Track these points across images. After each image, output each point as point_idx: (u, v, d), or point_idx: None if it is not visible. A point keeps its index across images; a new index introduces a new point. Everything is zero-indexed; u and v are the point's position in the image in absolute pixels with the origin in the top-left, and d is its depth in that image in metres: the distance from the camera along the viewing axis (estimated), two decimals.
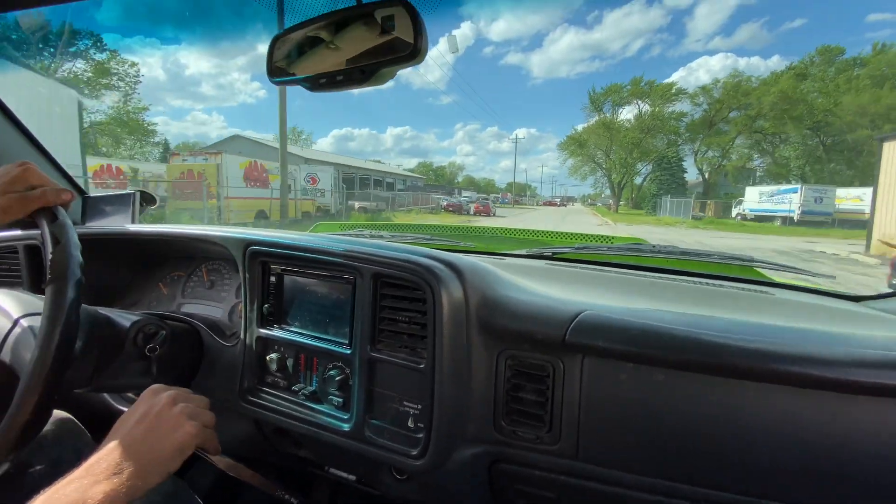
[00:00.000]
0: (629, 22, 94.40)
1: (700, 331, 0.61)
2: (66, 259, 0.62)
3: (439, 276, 0.71)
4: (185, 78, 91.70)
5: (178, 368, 0.93)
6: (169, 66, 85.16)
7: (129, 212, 1.22)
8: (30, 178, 0.66)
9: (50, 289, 0.61)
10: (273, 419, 0.87)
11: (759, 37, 73.96)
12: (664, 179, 36.63)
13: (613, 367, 0.65)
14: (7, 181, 0.65)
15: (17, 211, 0.65)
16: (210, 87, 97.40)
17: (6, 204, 0.64)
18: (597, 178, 46.00)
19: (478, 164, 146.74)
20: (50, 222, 0.64)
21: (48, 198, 0.66)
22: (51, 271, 0.61)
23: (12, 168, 0.67)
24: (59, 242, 0.63)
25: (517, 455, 0.72)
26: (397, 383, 0.75)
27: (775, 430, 0.59)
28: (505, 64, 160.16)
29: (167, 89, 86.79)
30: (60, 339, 0.60)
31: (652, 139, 38.79)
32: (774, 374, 0.57)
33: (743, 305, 0.91)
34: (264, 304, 0.89)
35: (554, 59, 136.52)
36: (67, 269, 0.62)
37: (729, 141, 36.22)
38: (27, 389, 0.58)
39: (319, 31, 0.75)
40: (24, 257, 1.14)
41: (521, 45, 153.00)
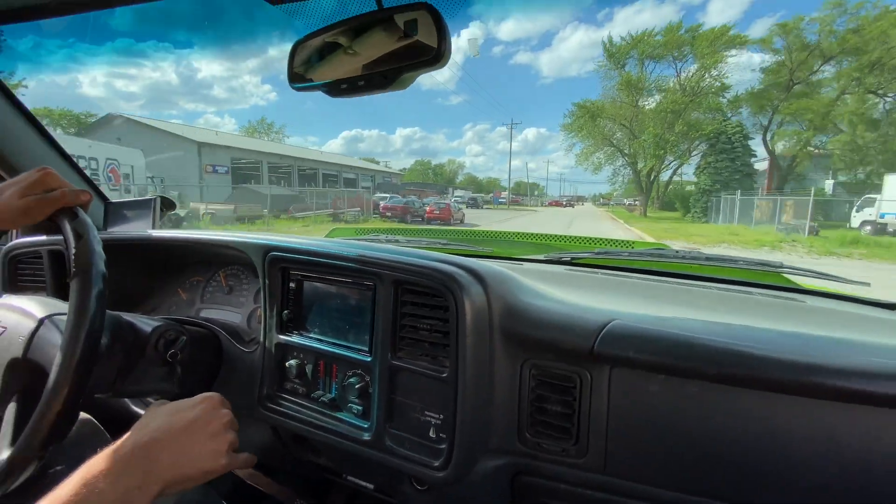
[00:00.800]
0: (640, 19, 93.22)
1: (739, 343, 0.58)
2: (89, 252, 0.63)
3: (461, 283, 0.69)
4: (198, 81, 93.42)
5: (198, 374, 0.93)
6: (182, 69, 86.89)
7: (149, 217, 1.23)
8: (49, 181, 0.67)
9: (76, 281, 0.61)
10: (292, 426, 0.86)
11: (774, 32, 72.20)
12: (722, 167, 23.77)
13: (644, 379, 0.63)
14: (27, 185, 0.66)
15: (38, 213, 0.66)
16: (222, 90, 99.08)
17: (26, 206, 0.65)
18: (615, 168, 32.44)
19: (487, 163, 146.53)
20: (70, 220, 0.65)
21: (67, 199, 0.66)
22: (75, 264, 0.62)
23: (32, 173, 0.68)
24: (81, 237, 0.63)
25: (542, 468, 0.70)
26: (418, 392, 0.74)
27: (813, 446, 0.56)
28: (515, 63, 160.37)
29: (180, 93, 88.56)
30: (88, 331, 0.60)
31: (696, 111, 26.54)
32: (814, 387, 0.54)
33: (775, 313, 0.88)
34: (284, 310, 0.89)
35: (564, 57, 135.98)
36: (91, 263, 0.62)
37: (827, 105, 22.17)
38: (57, 383, 0.57)
39: (339, 37, 0.75)
40: (48, 262, 1.15)
41: (531, 45, 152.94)
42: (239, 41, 52.58)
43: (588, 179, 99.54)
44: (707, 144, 25.60)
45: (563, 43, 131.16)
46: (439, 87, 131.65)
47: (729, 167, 23.70)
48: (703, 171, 25.21)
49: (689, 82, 27.42)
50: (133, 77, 72.96)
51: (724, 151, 24.08)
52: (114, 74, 71.06)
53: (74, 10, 0.98)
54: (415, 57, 0.66)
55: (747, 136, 24.62)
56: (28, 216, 0.66)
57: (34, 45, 11.37)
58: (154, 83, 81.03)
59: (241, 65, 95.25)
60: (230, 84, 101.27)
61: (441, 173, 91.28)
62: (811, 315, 0.89)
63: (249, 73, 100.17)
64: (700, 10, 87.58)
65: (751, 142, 24.78)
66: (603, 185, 69.15)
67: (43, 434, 0.57)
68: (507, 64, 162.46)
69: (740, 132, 24.32)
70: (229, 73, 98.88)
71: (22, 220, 0.66)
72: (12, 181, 0.67)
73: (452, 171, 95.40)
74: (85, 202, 0.68)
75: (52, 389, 0.57)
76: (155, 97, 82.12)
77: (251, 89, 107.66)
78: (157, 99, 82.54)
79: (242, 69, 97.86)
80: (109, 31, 45.29)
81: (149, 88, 77.97)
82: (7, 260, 1.20)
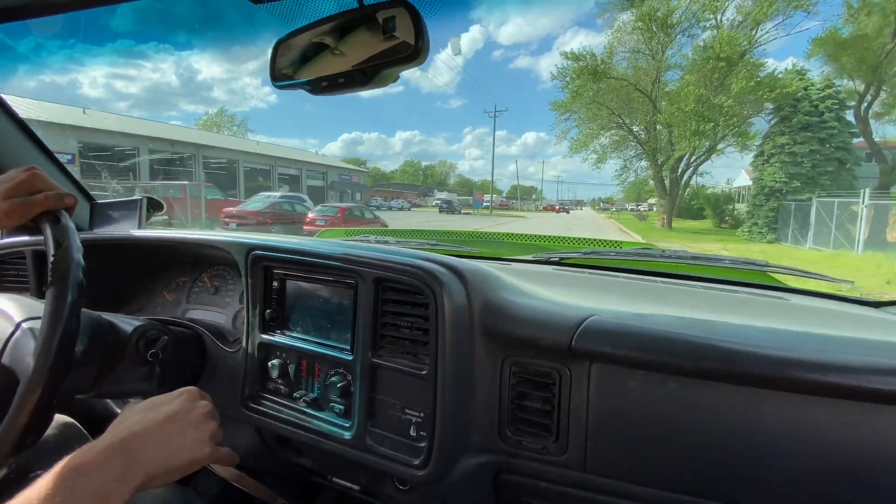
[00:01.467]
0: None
1: (715, 337, 0.59)
2: (67, 262, 0.62)
3: (441, 281, 0.69)
4: (198, 83, 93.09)
5: (180, 374, 0.92)
6: (182, 71, 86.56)
7: (135, 218, 1.22)
8: (35, 182, 0.66)
9: (51, 291, 0.61)
10: (274, 427, 0.85)
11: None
12: (803, 153, 14.46)
13: (623, 375, 0.63)
14: (11, 186, 0.65)
15: (20, 215, 0.65)
16: (222, 92, 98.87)
17: (9, 208, 0.64)
18: (626, 159, 21.74)
19: (486, 167, 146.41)
20: (52, 226, 0.64)
21: (51, 202, 0.65)
22: (52, 274, 0.61)
23: (18, 173, 0.67)
24: (60, 245, 0.63)
25: (523, 465, 0.70)
26: (399, 390, 0.74)
27: (793, 440, 0.56)
28: (514, 68, 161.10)
29: (180, 94, 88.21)
30: (61, 341, 0.59)
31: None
32: (792, 381, 0.55)
33: (758, 311, 0.88)
34: (266, 310, 0.88)
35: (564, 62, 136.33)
36: (68, 272, 0.62)
37: None
38: (27, 392, 0.57)
39: (321, 35, 0.75)
40: (32, 263, 1.14)
41: (531, 49, 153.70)
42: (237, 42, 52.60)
43: (589, 181, 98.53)
44: (776, 119, 15.58)
45: (564, 48, 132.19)
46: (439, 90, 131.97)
47: (816, 153, 14.31)
48: (768, 159, 15.47)
49: (758, 8, 15.55)
50: (132, 78, 72.72)
51: (808, 128, 14.43)
52: (113, 75, 70.76)
53: (67, 9, 0.98)
54: (393, 54, 0.66)
55: (843, 103, 14.51)
56: (10, 219, 0.65)
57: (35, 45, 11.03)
58: (154, 84, 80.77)
59: (241, 67, 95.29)
60: (230, 86, 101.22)
61: (432, 175, 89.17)
62: (794, 312, 0.90)
63: (249, 75, 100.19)
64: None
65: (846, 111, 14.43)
66: (608, 187, 66.01)
67: (9, 446, 0.56)
68: (507, 68, 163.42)
69: (833, 98, 14.34)
70: (229, 74, 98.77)
71: (4, 223, 0.65)
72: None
73: (444, 173, 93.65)
74: (69, 206, 0.67)
75: (21, 399, 0.57)
76: (154, 98, 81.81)
77: (251, 91, 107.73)
78: (156, 101, 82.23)
79: (242, 71, 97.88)
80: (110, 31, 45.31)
81: (148, 90, 77.74)
82: None
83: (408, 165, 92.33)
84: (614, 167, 25.32)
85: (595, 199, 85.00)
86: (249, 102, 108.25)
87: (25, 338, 0.68)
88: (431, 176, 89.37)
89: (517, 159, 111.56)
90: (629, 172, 22.58)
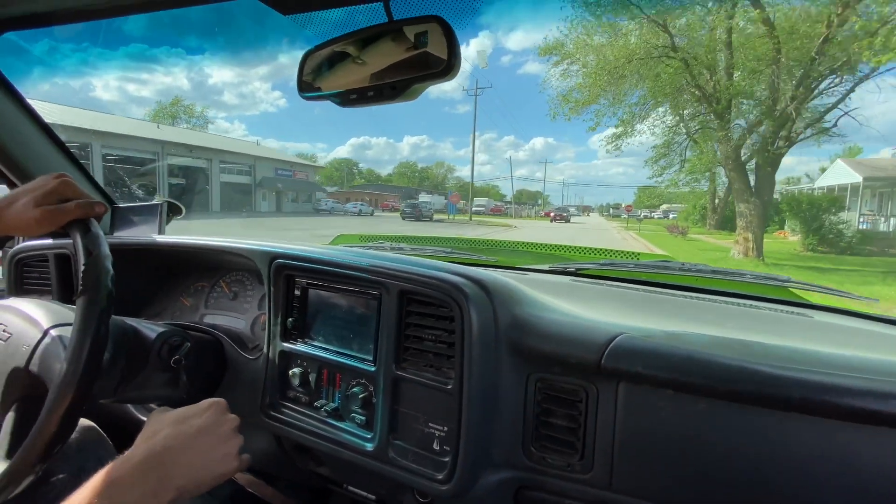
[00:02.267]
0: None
1: (751, 360, 0.58)
2: (98, 271, 0.63)
3: (468, 295, 0.69)
4: (209, 87, 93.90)
5: (201, 380, 0.92)
6: (192, 75, 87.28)
7: (156, 222, 1.24)
8: (65, 190, 0.67)
9: (81, 300, 0.61)
10: (294, 435, 0.86)
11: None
12: None
13: (652, 395, 0.62)
14: (42, 193, 0.66)
15: (51, 223, 0.66)
16: (232, 96, 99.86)
17: (41, 216, 0.65)
18: (670, 133, 12.33)
19: (493, 172, 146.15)
20: (83, 235, 0.65)
21: (81, 210, 0.66)
22: (83, 283, 0.62)
23: (49, 180, 0.68)
24: (91, 254, 0.63)
25: (546, 482, 0.70)
26: (423, 403, 0.74)
27: (827, 466, 0.55)
28: (523, 73, 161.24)
29: (191, 98, 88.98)
30: (90, 351, 0.60)
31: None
32: (828, 407, 0.54)
33: (783, 329, 0.87)
34: (288, 318, 0.88)
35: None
36: (99, 281, 0.62)
37: None
38: (57, 401, 0.58)
39: (349, 48, 0.76)
40: (55, 266, 1.16)
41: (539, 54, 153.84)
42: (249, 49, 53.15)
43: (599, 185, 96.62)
44: None
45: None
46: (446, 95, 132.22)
47: None
48: None
49: None
50: (145, 82, 73.41)
51: None
52: (126, 79, 71.44)
53: (91, 17, 1.00)
54: (424, 68, 0.67)
55: None
56: (41, 227, 0.66)
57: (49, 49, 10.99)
58: (166, 88, 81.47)
59: (252, 71, 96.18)
60: (240, 90, 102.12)
61: (428, 177, 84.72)
62: (819, 331, 0.89)
63: (259, 80, 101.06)
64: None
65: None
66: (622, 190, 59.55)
67: (37, 454, 0.57)
68: (517, 73, 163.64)
69: None
70: (239, 79, 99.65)
71: (35, 231, 0.66)
72: (27, 188, 0.67)
73: (440, 176, 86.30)
74: (99, 214, 0.68)
75: (51, 407, 0.58)
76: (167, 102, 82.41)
77: (261, 95, 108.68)
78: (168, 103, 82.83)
79: (252, 76, 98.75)
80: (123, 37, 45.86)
81: (160, 93, 78.43)
82: (14, 263, 1.21)
83: (402, 167, 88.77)
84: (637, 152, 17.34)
85: (604, 205, 77.04)
86: (259, 106, 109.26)
87: (54, 345, 0.69)
88: (427, 178, 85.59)
89: (507, 155, 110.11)
90: (672, 157, 13.09)
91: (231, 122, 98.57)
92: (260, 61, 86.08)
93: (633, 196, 44.89)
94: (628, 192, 43.73)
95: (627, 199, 39.89)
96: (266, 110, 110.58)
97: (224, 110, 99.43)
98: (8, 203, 0.66)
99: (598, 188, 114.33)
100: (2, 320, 0.73)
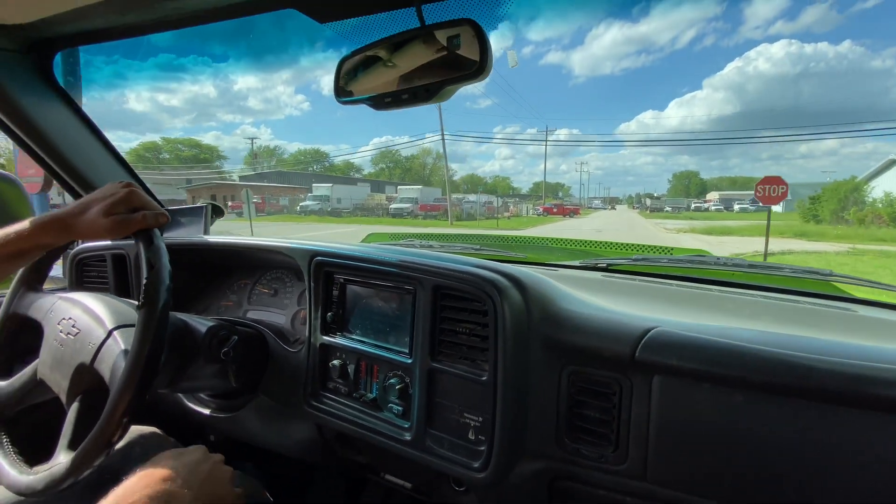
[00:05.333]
0: (679, 12, 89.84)
1: (789, 352, 0.57)
2: (158, 284, 0.68)
3: (501, 289, 0.71)
4: (234, 93, 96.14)
5: (247, 372, 0.98)
6: (219, 82, 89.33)
7: (201, 223, 1.31)
8: (134, 200, 0.72)
9: (143, 312, 0.67)
10: (335, 424, 0.90)
11: (826, 19, 66.79)
12: None
13: (687, 387, 0.62)
14: (112, 203, 0.71)
15: (120, 232, 0.71)
16: (257, 101, 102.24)
17: (111, 225, 0.70)
18: None
19: (517, 167, 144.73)
20: (146, 247, 0.70)
21: (148, 221, 0.71)
22: (144, 296, 0.67)
23: (118, 188, 0.73)
24: (153, 268, 0.69)
25: (580, 473, 0.71)
26: (458, 394, 0.76)
27: (868, 460, 0.54)
28: (545, 63, 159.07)
29: (217, 105, 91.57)
30: (148, 357, 0.66)
31: None
32: (870, 399, 0.53)
33: (825, 323, 0.85)
34: (328, 313, 0.92)
35: (597, 55, 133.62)
36: (158, 295, 0.68)
37: None
38: (116, 401, 0.64)
39: (383, 52, 0.78)
40: (111, 265, 1.24)
41: (563, 44, 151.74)
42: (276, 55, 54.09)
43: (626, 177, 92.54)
44: None
45: (597, 41, 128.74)
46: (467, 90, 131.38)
47: None
48: None
49: None
50: (174, 91, 75.65)
51: None
52: (155, 88, 73.66)
53: (137, 33, 1.07)
54: (457, 70, 0.69)
55: None
56: (110, 234, 0.71)
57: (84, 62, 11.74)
58: (193, 96, 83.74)
59: (275, 76, 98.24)
60: (264, 95, 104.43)
61: (412, 168, 72.07)
62: (864, 325, 0.86)
63: (283, 84, 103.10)
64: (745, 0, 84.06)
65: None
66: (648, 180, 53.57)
67: (100, 447, 0.63)
68: (538, 65, 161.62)
69: None
70: (263, 84, 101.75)
71: (105, 237, 0.72)
72: (96, 196, 0.72)
73: (426, 166, 71.92)
74: (162, 224, 0.73)
75: (112, 407, 0.63)
76: (194, 110, 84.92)
77: (285, 99, 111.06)
78: (197, 111, 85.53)
79: (276, 80, 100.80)
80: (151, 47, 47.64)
81: (188, 101, 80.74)
82: (75, 263, 1.30)
83: (382, 157, 75.57)
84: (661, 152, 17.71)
85: (634, 196, 66.11)
86: (284, 111, 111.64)
87: (117, 345, 0.73)
88: (410, 169, 72.58)
89: (564, 167, 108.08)
90: None
91: (258, 127, 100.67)
92: (282, 65, 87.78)
93: (666, 185, 40.84)
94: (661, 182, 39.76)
95: (661, 188, 36.00)
96: (291, 114, 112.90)
97: (250, 115, 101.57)
98: (80, 211, 0.71)
99: (627, 178, 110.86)
100: (71, 314, 0.79)
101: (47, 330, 0.79)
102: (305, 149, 72.86)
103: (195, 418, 1.10)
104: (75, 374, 0.73)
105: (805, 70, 57.40)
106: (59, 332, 0.77)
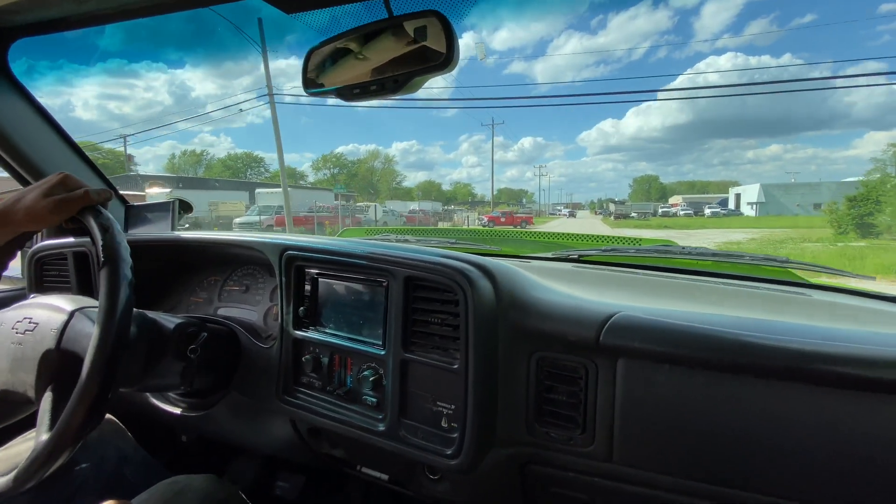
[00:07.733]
0: (634, 25, 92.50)
1: (743, 332, 0.60)
2: (116, 243, 0.67)
3: (471, 278, 0.72)
4: (191, 100, 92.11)
5: (217, 370, 0.96)
6: (174, 89, 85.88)
7: (168, 219, 1.27)
8: (69, 183, 0.72)
9: (105, 270, 0.66)
10: (309, 418, 0.89)
11: (768, 34, 70.16)
12: None
13: (649, 369, 0.65)
14: (48, 187, 0.70)
15: (65, 210, 0.70)
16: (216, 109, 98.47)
17: (52, 206, 0.69)
18: None
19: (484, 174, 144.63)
20: (96, 217, 0.70)
21: (90, 197, 0.71)
22: (104, 254, 0.66)
23: (52, 177, 0.73)
24: (107, 231, 0.68)
25: (550, 457, 0.73)
26: (430, 384, 0.77)
27: (819, 433, 0.58)
28: (509, 73, 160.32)
29: (173, 112, 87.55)
30: (121, 312, 0.64)
31: None
32: (818, 375, 0.56)
33: (781, 307, 0.89)
34: (300, 307, 0.92)
35: (559, 65, 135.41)
36: (118, 251, 0.67)
37: None
38: (95, 362, 0.61)
39: (351, 44, 0.78)
40: (73, 263, 1.20)
41: (525, 54, 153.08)
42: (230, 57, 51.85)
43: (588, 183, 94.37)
44: None
45: (558, 51, 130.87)
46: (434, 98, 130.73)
47: None
48: None
49: None
50: (125, 98, 71.88)
51: None
52: (105, 95, 70.20)
53: (99, 22, 1.03)
54: (424, 62, 0.69)
55: None
56: (56, 214, 0.70)
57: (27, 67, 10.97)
58: (147, 103, 79.73)
59: (234, 82, 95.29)
60: (224, 102, 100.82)
61: (357, 174, 66.09)
62: (816, 308, 0.91)
63: (244, 91, 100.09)
64: (693, 14, 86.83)
65: None
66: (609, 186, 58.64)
67: (81, 416, 0.60)
68: (502, 74, 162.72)
69: None
70: (222, 91, 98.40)
71: (49, 220, 0.70)
72: (34, 185, 0.71)
73: (375, 172, 66.66)
74: (106, 199, 0.73)
75: (90, 371, 0.61)
76: (147, 118, 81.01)
77: (245, 106, 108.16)
78: (150, 120, 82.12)
79: (236, 87, 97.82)
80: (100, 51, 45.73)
81: (141, 108, 76.71)
82: (34, 261, 1.25)
83: (324, 161, 68.98)
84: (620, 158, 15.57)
85: (597, 201, 67.49)
86: (245, 118, 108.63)
87: (81, 322, 0.72)
88: (355, 175, 65.51)
89: (529, 174, 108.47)
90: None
91: (217, 136, 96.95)
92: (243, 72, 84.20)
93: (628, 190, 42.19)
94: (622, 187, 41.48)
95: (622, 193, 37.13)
96: (252, 122, 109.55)
97: (209, 123, 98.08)
98: (17, 199, 0.69)
99: (589, 184, 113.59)
100: (27, 314, 0.76)
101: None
102: (237, 153, 66.26)
103: (165, 419, 1.08)
104: (41, 363, 0.70)
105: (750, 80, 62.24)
106: (14, 334, 0.74)
